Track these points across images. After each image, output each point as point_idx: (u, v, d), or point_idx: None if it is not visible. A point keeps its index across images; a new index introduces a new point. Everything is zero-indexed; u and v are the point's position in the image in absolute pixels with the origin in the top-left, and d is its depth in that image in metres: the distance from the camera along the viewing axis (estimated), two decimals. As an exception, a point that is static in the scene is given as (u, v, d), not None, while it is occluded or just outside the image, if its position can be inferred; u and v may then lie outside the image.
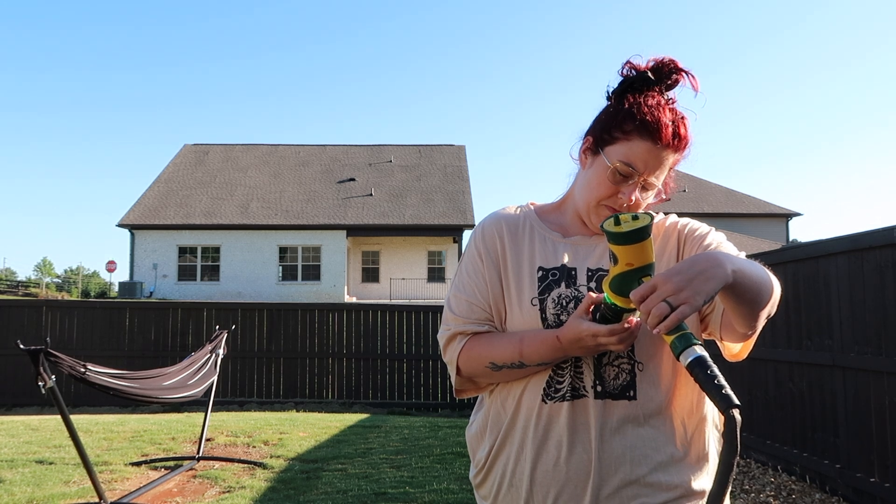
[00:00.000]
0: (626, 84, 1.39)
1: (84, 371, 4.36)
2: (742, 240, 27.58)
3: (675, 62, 1.39)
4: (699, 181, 35.28)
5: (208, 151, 34.70)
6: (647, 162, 1.33)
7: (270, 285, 28.71)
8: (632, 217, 1.18)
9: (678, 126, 1.34)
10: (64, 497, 4.88)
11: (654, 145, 1.32)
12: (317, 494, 5.03)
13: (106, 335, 11.70)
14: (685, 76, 1.39)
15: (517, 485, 1.37)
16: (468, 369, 1.41)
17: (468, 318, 1.41)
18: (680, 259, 1.40)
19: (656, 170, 1.34)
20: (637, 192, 1.35)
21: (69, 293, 45.79)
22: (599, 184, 1.37)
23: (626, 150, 1.34)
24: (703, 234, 1.41)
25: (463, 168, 33.65)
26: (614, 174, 1.34)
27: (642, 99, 1.36)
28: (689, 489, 1.32)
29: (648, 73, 1.38)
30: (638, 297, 1.12)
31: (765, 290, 1.23)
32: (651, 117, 1.33)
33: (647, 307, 1.10)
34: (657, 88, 1.39)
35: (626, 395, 1.32)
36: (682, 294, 1.09)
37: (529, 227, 1.47)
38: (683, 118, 1.37)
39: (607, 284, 1.22)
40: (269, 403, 11.52)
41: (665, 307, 1.08)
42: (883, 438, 4.36)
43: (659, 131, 1.32)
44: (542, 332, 1.35)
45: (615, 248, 1.17)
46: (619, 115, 1.36)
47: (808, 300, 5.19)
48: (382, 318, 12.00)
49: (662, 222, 1.47)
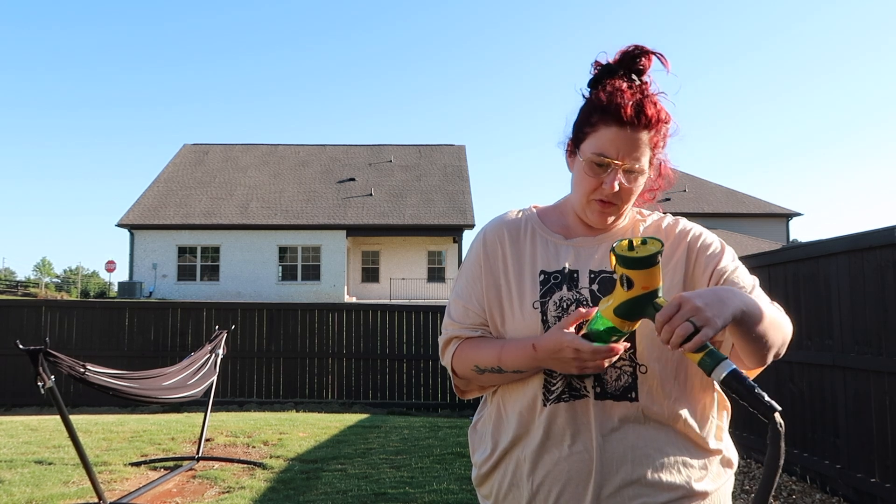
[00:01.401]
0: (593, 82, 1.42)
1: (83, 371, 4.36)
2: (742, 240, 27.58)
3: (640, 47, 1.39)
4: (699, 181, 35.29)
5: (208, 151, 34.69)
6: (618, 146, 1.33)
7: (270, 285, 28.71)
8: (641, 241, 1.20)
9: (643, 105, 1.33)
10: (63, 497, 4.88)
11: (620, 128, 1.33)
12: (317, 494, 5.02)
13: (105, 335, 11.69)
14: (655, 58, 1.39)
15: (519, 484, 1.38)
16: (460, 372, 1.45)
17: (463, 324, 1.45)
18: (690, 270, 1.40)
19: (632, 152, 1.34)
20: (620, 177, 1.34)
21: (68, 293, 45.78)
22: (582, 180, 1.38)
23: (596, 140, 1.35)
24: (717, 254, 1.40)
25: (463, 168, 33.65)
26: (591, 167, 1.36)
27: (601, 88, 1.38)
28: (690, 490, 1.32)
29: (611, 64, 1.40)
30: (664, 316, 1.14)
31: (773, 330, 1.26)
32: (608, 101, 1.35)
33: (673, 326, 1.13)
34: (621, 74, 1.39)
35: (628, 396, 1.32)
36: (704, 315, 1.12)
37: (531, 231, 1.47)
38: (649, 96, 1.36)
39: (612, 309, 1.22)
40: (268, 403, 11.52)
41: (689, 326, 1.12)
42: (883, 438, 4.35)
43: (618, 112, 1.33)
44: (523, 339, 1.36)
45: (631, 272, 1.18)
46: (584, 111, 1.39)
47: (808, 300, 5.19)
48: (382, 318, 11.99)
49: (659, 222, 1.46)
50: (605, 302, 1.25)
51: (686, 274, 1.39)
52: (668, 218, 1.47)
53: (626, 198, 1.37)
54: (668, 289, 1.34)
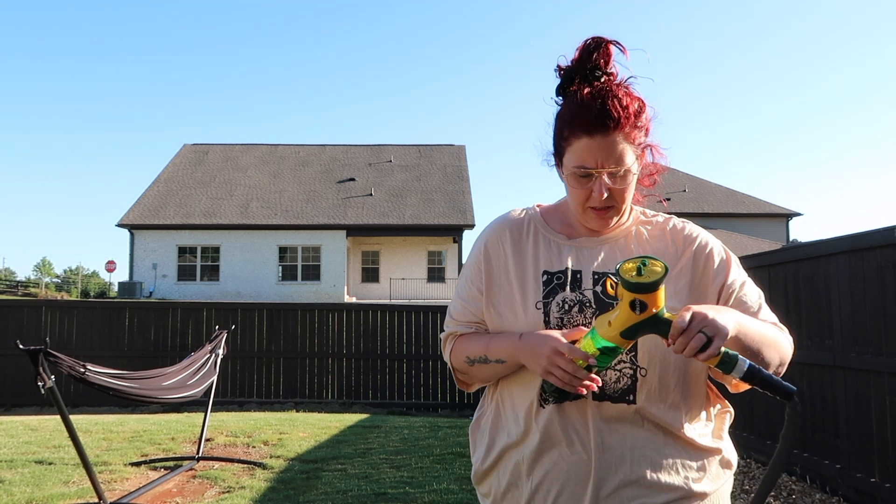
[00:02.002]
0: (559, 89, 1.40)
1: (83, 371, 4.36)
2: (742, 240, 27.59)
3: (597, 38, 1.37)
4: (699, 181, 35.29)
5: (208, 151, 34.70)
6: (595, 155, 1.32)
7: (270, 285, 28.72)
8: (641, 263, 1.21)
9: (607, 107, 1.30)
10: (63, 497, 4.88)
11: (590, 137, 1.31)
12: (316, 494, 5.02)
13: (105, 335, 11.69)
14: (612, 47, 1.37)
15: (518, 483, 1.38)
16: (457, 365, 1.48)
17: (460, 321, 1.48)
18: (697, 278, 1.40)
19: (611, 156, 1.32)
20: (607, 182, 1.33)
21: (69, 293, 45.77)
22: (572, 192, 1.39)
23: (573, 154, 1.34)
24: (724, 267, 1.41)
25: (463, 168, 33.65)
26: (576, 179, 1.35)
27: (563, 102, 1.37)
28: (689, 490, 1.33)
29: (571, 67, 1.37)
30: (677, 329, 1.18)
31: (769, 349, 1.32)
32: (571, 115, 1.33)
33: (688, 338, 1.18)
34: (584, 76, 1.36)
35: (626, 398, 1.33)
36: (715, 325, 1.18)
37: (534, 231, 1.47)
38: (613, 92, 1.32)
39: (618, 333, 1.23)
40: (268, 403, 11.52)
41: (703, 337, 1.17)
42: (883, 438, 4.35)
43: (586, 123, 1.31)
44: (515, 332, 1.38)
45: (643, 296, 1.20)
46: (557, 125, 1.39)
47: (808, 300, 5.19)
48: (382, 318, 11.99)
49: (665, 224, 1.46)
50: (603, 324, 1.25)
51: (692, 281, 1.40)
52: (675, 220, 1.47)
53: (620, 199, 1.36)
54: (672, 293, 1.33)
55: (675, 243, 1.42)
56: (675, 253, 1.41)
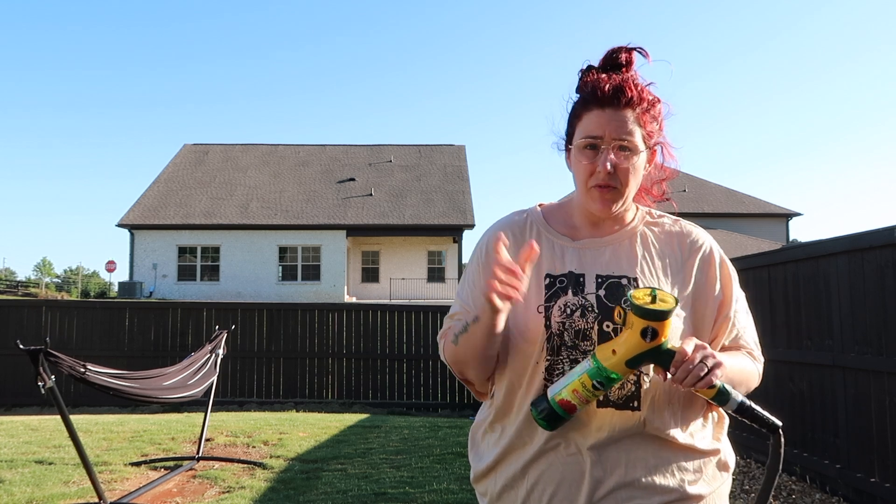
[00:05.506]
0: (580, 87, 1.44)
1: (84, 371, 4.36)
2: (742, 240, 27.58)
3: (622, 46, 1.42)
4: (699, 181, 35.27)
5: (208, 151, 34.69)
6: (603, 125, 1.35)
7: (270, 285, 28.71)
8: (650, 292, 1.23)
9: (622, 86, 1.35)
10: (63, 497, 4.88)
11: (601, 109, 1.35)
12: (317, 494, 5.02)
13: (106, 335, 11.69)
14: (636, 53, 1.42)
15: (514, 484, 1.38)
16: (450, 357, 1.44)
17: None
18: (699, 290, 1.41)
19: (620, 129, 1.34)
20: (612, 156, 1.33)
21: (69, 293, 45.77)
22: (578, 168, 1.39)
23: (583, 127, 1.38)
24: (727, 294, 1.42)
25: (463, 168, 33.64)
26: (583, 152, 1.37)
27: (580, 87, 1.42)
28: (684, 493, 1.33)
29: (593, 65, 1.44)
30: (681, 357, 1.23)
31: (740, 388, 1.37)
32: (586, 88, 1.39)
33: (690, 366, 1.22)
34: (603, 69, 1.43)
35: (630, 405, 1.33)
36: (714, 357, 1.24)
37: (536, 233, 1.46)
38: (631, 77, 1.38)
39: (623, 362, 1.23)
40: (268, 403, 11.52)
41: (704, 367, 1.22)
42: (883, 438, 4.35)
43: (596, 93, 1.36)
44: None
45: (655, 324, 1.22)
46: (572, 110, 1.43)
47: (808, 300, 5.19)
48: (382, 318, 11.99)
49: (672, 226, 1.46)
50: (606, 353, 1.25)
51: (696, 290, 1.40)
52: (683, 223, 1.47)
53: (625, 179, 1.35)
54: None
55: (682, 249, 1.42)
56: (680, 259, 1.41)
